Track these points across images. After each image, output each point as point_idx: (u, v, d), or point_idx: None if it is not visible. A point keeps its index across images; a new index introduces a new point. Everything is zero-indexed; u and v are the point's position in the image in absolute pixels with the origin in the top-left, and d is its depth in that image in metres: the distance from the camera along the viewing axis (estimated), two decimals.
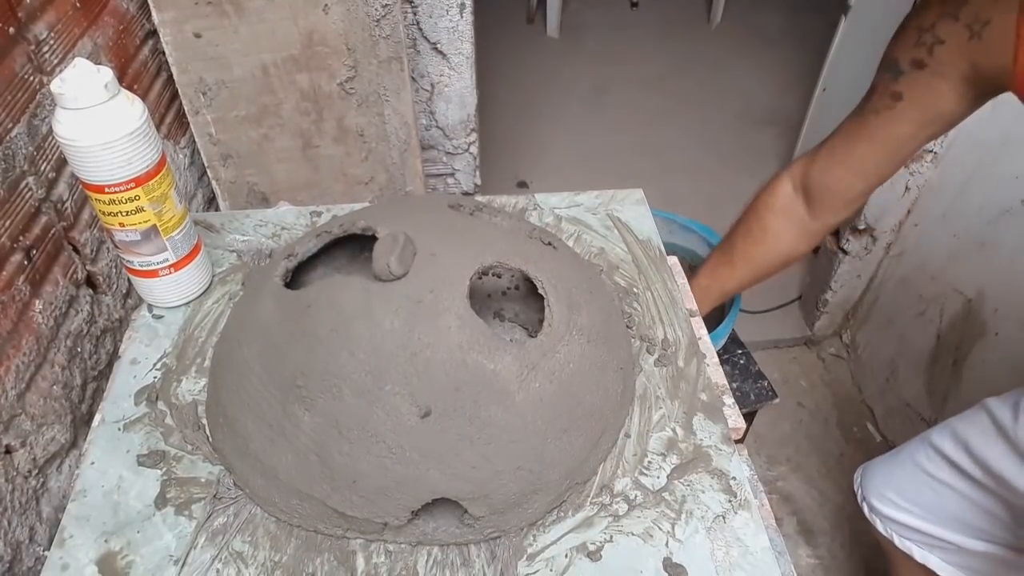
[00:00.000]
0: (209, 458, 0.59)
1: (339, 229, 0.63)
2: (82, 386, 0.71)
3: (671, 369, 0.66)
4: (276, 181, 1.11)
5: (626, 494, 0.57)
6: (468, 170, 1.59)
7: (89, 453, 0.60)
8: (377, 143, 1.10)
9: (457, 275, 0.55)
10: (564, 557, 0.53)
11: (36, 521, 0.63)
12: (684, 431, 0.61)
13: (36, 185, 0.67)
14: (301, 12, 0.94)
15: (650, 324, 0.69)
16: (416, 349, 0.52)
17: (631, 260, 0.76)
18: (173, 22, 0.92)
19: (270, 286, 0.60)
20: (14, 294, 0.62)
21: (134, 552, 0.53)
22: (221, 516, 0.55)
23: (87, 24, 0.78)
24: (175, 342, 0.68)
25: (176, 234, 0.66)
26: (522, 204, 0.82)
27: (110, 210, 0.62)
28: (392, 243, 0.56)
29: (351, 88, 1.03)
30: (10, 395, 0.60)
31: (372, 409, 0.51)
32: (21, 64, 0.66)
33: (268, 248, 0.77)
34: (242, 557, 0.53)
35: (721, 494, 0.57)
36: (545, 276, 0.57)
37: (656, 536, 0.54)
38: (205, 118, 1.01)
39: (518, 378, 0.53)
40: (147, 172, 0.61)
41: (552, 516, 0.55)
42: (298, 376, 0.53)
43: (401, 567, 0.53)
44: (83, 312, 0.72)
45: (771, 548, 0.54)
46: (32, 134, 0.67)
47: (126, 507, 0.56)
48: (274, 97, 1.01)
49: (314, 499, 0.53)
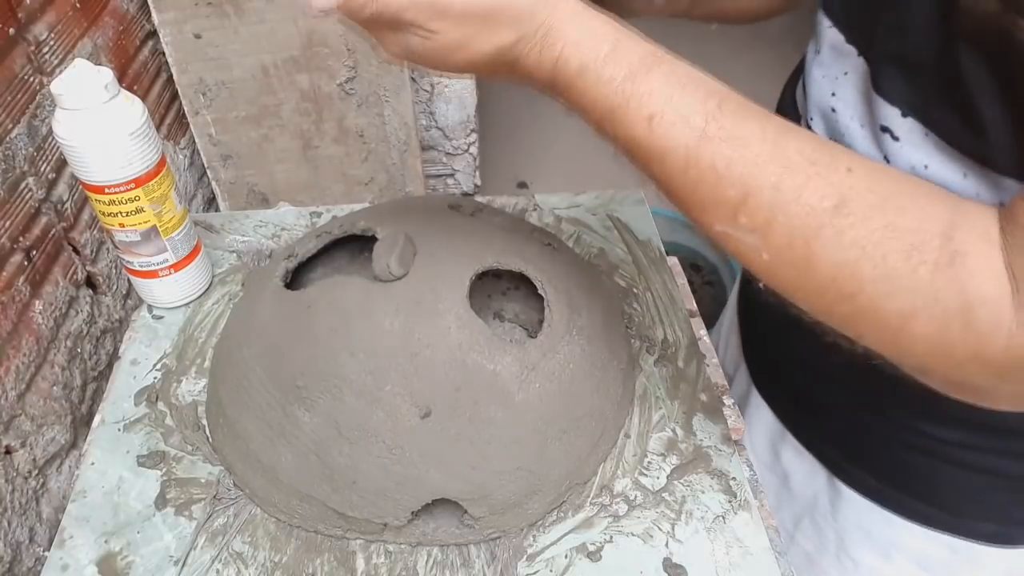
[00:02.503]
0: (209, 459, 0.59)
1: (339, 230, 0.63)
2: (82, 387, 0.71)
3: (671, 369, 0.66)
4: (276, 182, 1.11)
5: (626, 494, 0.57)
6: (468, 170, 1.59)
7: (89, 454, 0.59)
8: (377, 144, 1.10)
9: (457, 275, 0.55)
10: (564, 557, 0.53)
11: (36, 522, 0.63)
12: (684, 431, 0.61)
13: (36, 186, 0.67)
14: (301, 12, 0.94)
15: (650, 324, 0.69)
16: (416, 349, 0.52)
17: (631, 261, 0.76)
18: (173, 23, 0.92)
19: (270, 287, 0.60)
20: (14, 295, 0.62)
21: (134, 553, 0.53)
22: (221, 517, 0.55)
23: (87, 25, 0.78)
24: (175, 343, 0.68)
25: (176, 235, 0.66)
26: (522, 204, 0.82)
27: (110, 211, 0.62)
28: (392, 243, 0.56)
29: (351, 89, 1.03)
30: (10, 396, 0.60)
31: (372, 409, 0.51)
32: (21, 65, 0.66)
33: (268, 249, 0.77)
34: (242, 558, 0.53)
35: (721, 494, 0.57)
36: (545, 276, 0.57)
37: (656, 536, 0.54)
38: (205, 119, 1.01)
39: (518, 378, 0.53)
40: (147, 173, 0.61)
41: (552, 516, 0.55)
42: (298, 377, 0.53)
43: (401, 567, 0.53)
44: (83, 313, 0.72)
45: (771, 548, 0.54)
46: (32, 135, 0.67)
47: (126, 508, 0.56)
48: (274, 98, 1.02)
49: (314, 499, 0.53)
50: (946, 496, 0.58)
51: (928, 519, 0.59)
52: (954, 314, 0.32)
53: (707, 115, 0.37)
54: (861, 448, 0.61)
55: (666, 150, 0.38)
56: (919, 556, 0.61)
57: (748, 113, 0.38)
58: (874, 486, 0.61)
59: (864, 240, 0.34)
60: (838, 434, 0.62)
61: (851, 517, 0.63)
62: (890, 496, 0.60)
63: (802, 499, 0.67)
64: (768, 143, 0.36)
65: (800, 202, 0.35)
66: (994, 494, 0.56)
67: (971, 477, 0.56)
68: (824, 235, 0.35)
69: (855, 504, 0.62)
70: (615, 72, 0.39)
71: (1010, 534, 0.58)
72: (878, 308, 0.34)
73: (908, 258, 0.33)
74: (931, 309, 0.33)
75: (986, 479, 0.55)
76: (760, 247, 0.37)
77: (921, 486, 0.58)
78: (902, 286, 0.33)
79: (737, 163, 0.36)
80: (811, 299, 0.37)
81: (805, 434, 0.65)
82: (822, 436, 0.64)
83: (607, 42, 0.39)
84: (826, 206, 0.35)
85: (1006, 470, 0.55)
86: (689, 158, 0.37)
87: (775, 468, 0.67)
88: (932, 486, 0.58)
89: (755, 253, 0.37)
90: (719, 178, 0.37)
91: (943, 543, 0.59)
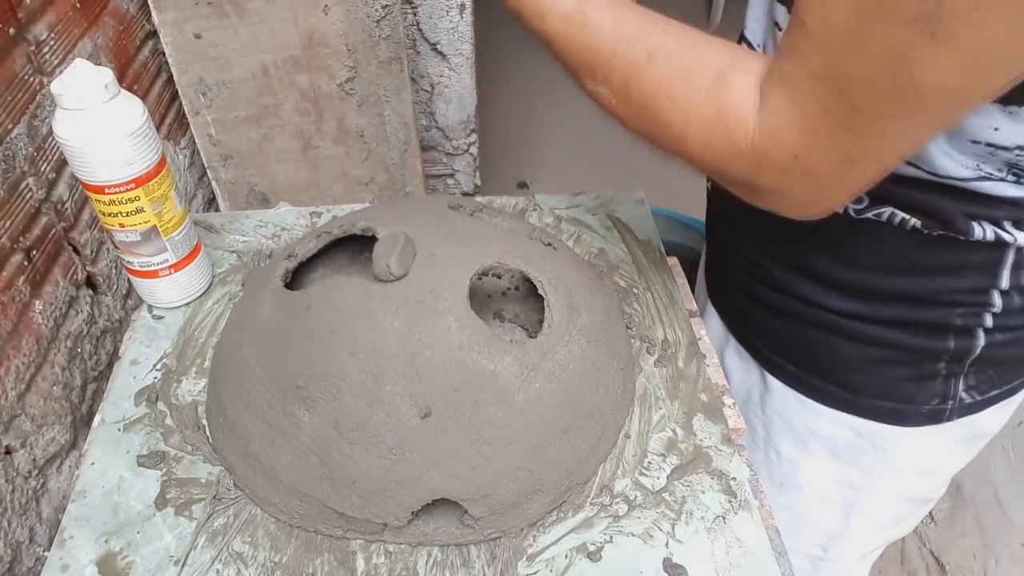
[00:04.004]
0: (209, 459, 0.59)
1: (339, 230, 0.63)
2: (82, 387, 0.71)
3: (671, 369, 0.66)
4: (276, 182, 1.11)
5: (626, 494, 0.57)
6: (468, 171, 1.59)
7: (89, 454, 0.60)
8: (377, 144, 1.10)
9: (457, 276, 0.55)
10: (564, 558, 0.53)
11: (36, 522, 0.63)
12: (684, 431, 0.61)
13: (36, 186, 0.67)
14: (301, 13, 0.94)
15: (650, 325, 0.70)
16: (416, 350, 0.52)
17: (631, 261, 0.76)
18: (173, 23, 0.92)
19: (270, 287, 0.60)
20: (14, 295, 0.62)
21: (134, 553, 0.53)
22: (221, 517, 0.55)
23: (87, 25, 0.78)
24: (175, 343, 0.68)
25: (176, 235, 0.66)
26: (522, 205, 0.82)
27: (110, 211, 0.62)
28: (392, 244, 0.56)
29: (351, 89, 1.03)
30: (10, 396, 0.60)
31: (372, 410, 0.51)
32: (21, 65, 0.66)
33: (268, 249, 0.77)
34: (242, 558, 0.53)
35: (721, 494, 0.57)
36: (545, 277, 0.57)
37: (656, 536, 0.54)
38: (205, 119, 1.01)
39: (518, 379, 0.53)
40: (147, 173, 0.61)
41: (552, 517, 0.55)
42: (298, 377, 0.53)
43: (401, 568, 0.53)
44: (83, 313, 0.72)
45: (771, 548, 0.54)
46: (32, 135, 0.67)
47: (126, 508, 0.56)
48: (274, 98, 1.02)
49: (314, 500, 0.53)
50: (845, 373, 0.64)
51: (835, 400, 0.65)
52: (715, 120, 0.44)
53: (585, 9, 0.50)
54: (776, 333, 0.68)
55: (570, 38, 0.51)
56: (829, 443, 0.68)
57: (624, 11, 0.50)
58: (792, 372, 0.67)
59: (664, 79, 0.47)
60: (760, 322, 0.69)
61: (775, 407, 0.70)
62: (805, 381, 0.67)
63: (739, 397, 0.73)
64: (619, 26, 0.49)
65: (626, 60, 0.48)
66: (889, 369, 0.62)
67: (864, 350, 0.61)
68: (640, 78, 0.48)
69: (778, 394, 0.69)
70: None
71: (905, 413, 0.63)
72: (668, 123, 0.47)
73: (689, 85, 0.46)
74: (699, 117, 0.45)
75: (879, 351, 0.61)
76: (609, 95, 0.50)
77: (824, 364, 0.65)
78: (682, 105, 0.46)
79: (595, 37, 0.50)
80: (637, 127, 0.51)
81: (739, 331, 0.73)
82: (750, 328, 0.72)
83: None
84: (643, 59, 0.48)
85: (896, 341, 0.60)
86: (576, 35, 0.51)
87: (722, 371, 0.72)
88: (833, 363, 0.64)
89: (607, 100, 0.51)
90: (588, 53, 0.51)
91: (848, 426, 0.66)
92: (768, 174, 0.45)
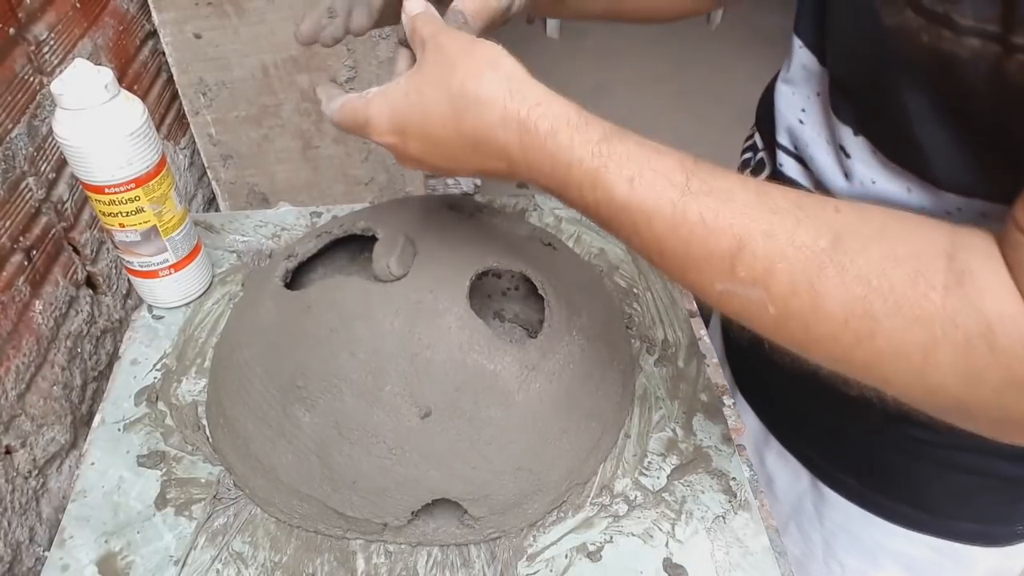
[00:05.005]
0: (209, 459, 0.59)
1: (339, 230, 0.63)
2: (82, 386, 0.71)
3: (671, 369, 0.66)
4: (276, 182, 1.11)
5: (626, 494, 0.57)
6: None
7: (89, 454, 0.60)
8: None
9: (457, 276, 0.55)
10: (564, 558, 0.53)
11: (36, 522, 0.63)
12: (684, 431, 0.61)
13: (36, 186, 0.67)
14: (301, 12, 0.94)
15: (650, 324, 0.69)
16: (416, 350, 0.52)
17: (631, 260, 0.76)
18: (173, 23, 0.92)
19: (270, 287, 0.60)
20: (14, 295, 0.62)
21: (134, 552, 0.53)
22: (221, 517, 0.55)
23: (87, 25, 0.78)
24: (175, 343, 0.68)
25: (176, 235, 0.66)
26: (522, 205, 0.82)
27: (110, 211, 0.62)
28: (392, 244, 0.56)
29: (351, 89, 1.03)
30: (10, 395, 0.60)
31: (372, 410, 0.51)
32: (21, 65, 0.66)
33: (268, 249, 0.77)
34: (242, 558, 0.53)
35: (721, 494, 0.57)
36: (545, 277, 0.57)
37: (656, 536, 0.54)
38: (205, 119, 1.01)
39: (518, 379, 0.53)
40: (147, 172, 0.61)
41: (552, 516, 0.55)
42: (298, 377, 0.53)
43: (401, 568, 0.53)
44: (83, 313, 0.72)
45: (771, 548, 0.54)
46: (32, 135, 0.67)
47: (126, 508, 0.56)
48: (274, 98, 1.02)
49: (314, 500, 0.53)
50: (929, 497, 0.56)
51: (911, 521, 0.58)
52: (977, 336, 0.30)
53: (686, 172, 0.36)
54: (841, 451, 0.59)
55: (651, 209, 0.36)
56: (905, 558, 0.60)
57: (724, 171, 0.37)
58: (856, 489, 0.59)
59: (868, 273, 0.32)
60: (818, 437, 0.61)
61: (836, 520, 0.62)
62: (872, 499, 0.59)
63: (787, 503, 0.66)
64: (751, 193, 0.35)
65: (796, 245, 0.34)
66: (978, 494, 0.55)
67: (956, 477, 0.54)
68: (827, 275, 0.33)
69: (839, 507, 0.61)
70: (590, 135, 0.38)
71: (993, 534, 0.57)
72: (897, 345, 0.32)
73: (915, 284, 0.31)
74: (952, 335, 0.30)
75: (970, 479, 0.54)
76: (765, 300, 0.34)
77: (903, 488, 0.57)
78: (916, 315, 0.31)
79: (725, 214, 0.35)
80: (826, 347, 0.35)
81: (787, 437, 0.65)
82: (803, 439, 0.63)
83: (572, 108, 0.39)
84: (823, 245, 0.33)
85: (991, 470, 0.53)
86: (676, 214, 0.36)
87: (760, 471, 0.67)
88: (914, 487, 0.56)
89: (760, 308, 0.35)
90: (709, 231, 0.35)
91: (927, 544, 0.58)
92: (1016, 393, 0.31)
